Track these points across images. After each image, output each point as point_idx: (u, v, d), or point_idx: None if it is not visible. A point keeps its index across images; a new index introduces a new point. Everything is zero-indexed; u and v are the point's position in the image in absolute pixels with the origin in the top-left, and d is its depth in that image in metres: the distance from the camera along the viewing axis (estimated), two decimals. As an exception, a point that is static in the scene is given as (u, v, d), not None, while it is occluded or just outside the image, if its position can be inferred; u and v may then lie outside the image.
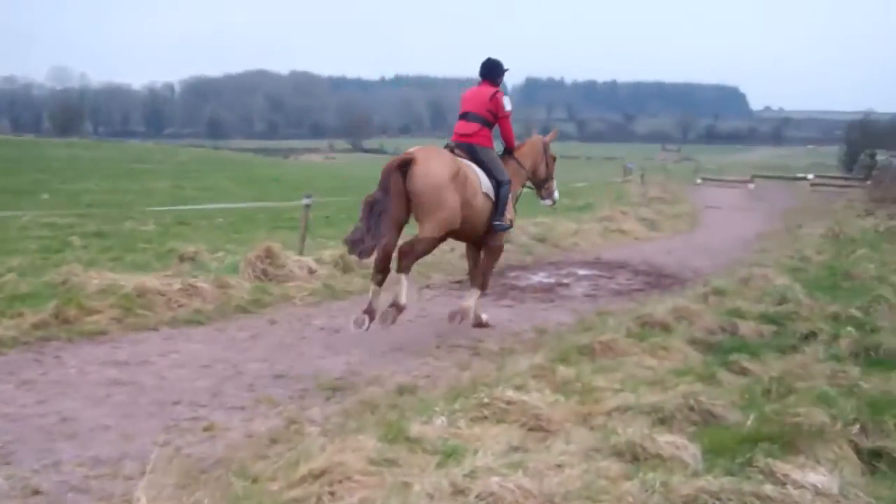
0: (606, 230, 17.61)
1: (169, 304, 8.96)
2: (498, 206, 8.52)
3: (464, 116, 8.74)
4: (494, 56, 9.04)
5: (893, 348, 7.29)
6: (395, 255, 7.96)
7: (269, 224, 18.07)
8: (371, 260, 8.01)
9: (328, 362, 7.35)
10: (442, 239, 8.42)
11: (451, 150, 8.47)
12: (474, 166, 8.40)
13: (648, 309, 8.50)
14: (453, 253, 13.07)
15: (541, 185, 9.88)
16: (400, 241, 8.02)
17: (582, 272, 12.84)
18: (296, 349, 7.81)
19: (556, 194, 10.13)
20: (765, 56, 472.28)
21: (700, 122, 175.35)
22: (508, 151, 9.27)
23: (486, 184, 8.40)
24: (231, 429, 5.58)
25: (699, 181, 39.96)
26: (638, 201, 26.32)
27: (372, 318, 7.81)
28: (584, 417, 5.44)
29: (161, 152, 48.21)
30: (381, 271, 7.98)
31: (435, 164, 7.90)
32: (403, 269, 7.91)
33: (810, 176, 41.22)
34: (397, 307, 7.86)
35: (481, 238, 8.76)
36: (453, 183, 7.93)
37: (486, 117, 8.67)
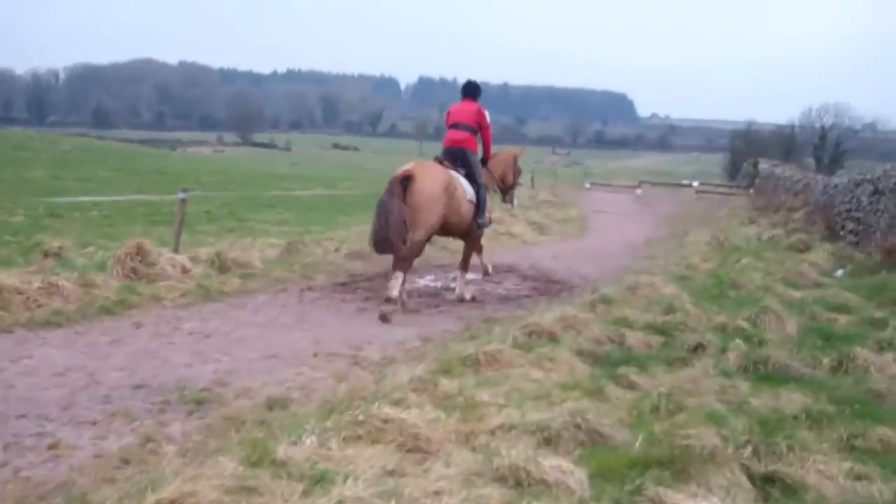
0: (495, 233, 17.31)
1: (27, 304, 8.27)
2: (479, 207, 10.33)
3: (454, 126, 10.52)
4: (474, 79, 10.94)
5: (781, 363, 7.19)
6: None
7: (148, 218, 17.33)
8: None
9: (195, 371, 6.82)
10: (428, 239, 10.09)
11: (443, 159, 10.24)
12: (461, 178, 10.08)
13: (535, 317, 8.21)
14: (337, 254, 12.64)
15: (506, 191, 12.05)
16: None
17: (469, 276, 12.50)
18: (161, 356, 7.24)
19: (515, 202, 12.77)
20: (653, 65, 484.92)
21: (589, 128, 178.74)
22: (483, 161, 10.91)
23: (469, 192, 10.12)
24: (79, 447, 5.05)
25: (588, 186, 40.42)
26: (528, 204, 26.31)
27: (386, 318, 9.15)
28: (466, 437, 5.09)
29: (42, 140, 46.01)
30: (393, 275, 9.47)
31: (429, 181, 9.52)
32: (398, 268, 9.43)
33: (695, 183, 42.21)
34: (389, 300, 9.26)
35: (464, 235, 10.69)
36: (444, 195, 9.61)
37: (474, 127, 10.52)
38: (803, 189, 26.83)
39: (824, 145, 63.10)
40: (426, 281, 11.98)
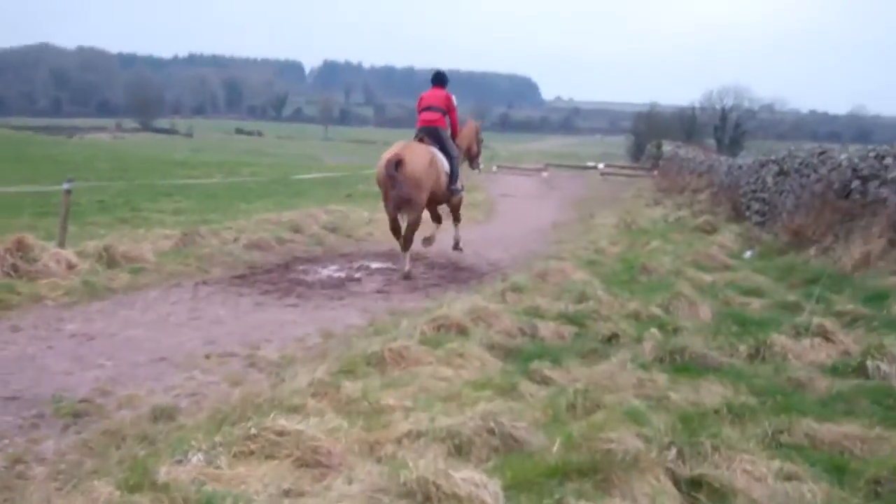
0: (402, 219, 16.96)
1: None
2: (452, 175, 12.05)
3: (427, 109, 12.17)
4: (441, 69, 12.63)
5: (698, 352, 6.92)
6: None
7: (36, 210, 16.35)
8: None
9: (75, 379, 6.22)
10: (422, 211, 11.56)
11: (422, 137, 11.91)
12: (439, 153, 11.75)
13: (444, 309, 7.79)
14: (235, 244, 12.06)
15: (472, 159, 14.24)
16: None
17: (375, 265, 12.08)
18: (38, 362, 6.61)
19: (482, 165, 15.76)
20: (557, 49, 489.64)
21: (495, 111, 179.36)
22: (451, 136, 12.40)
23: (445, 165, 11.84)
24: (-63, 473, 4.47)
25: (495, 169, 40.17)
26: (435, 188, 25.97)
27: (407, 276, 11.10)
28: (371, 447, 4.66)
29: (-76, 128, 43.81)
30: (401, 242, 11.35)
31: (417, 160, 11.14)
32: (404, 249, 11.30)
33: (601, 165, 42.40)
34: (406, 277, 11.05)
35: (444, 201, 12.54)
36: (430, 168, 11.34)
37: (444, 109, 12.20)
38: (707, 170, 27.08)
39: (725, 126, 64.09)
40: (329, 271, 11.45)
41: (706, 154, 33.41)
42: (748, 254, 13.96)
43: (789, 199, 15.81)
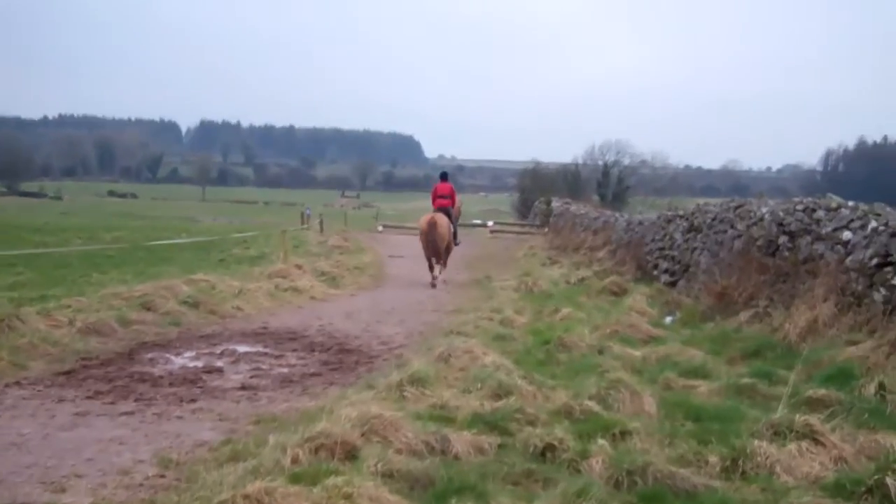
0: (278, 289, 14.80)
1: None
2: (455, 234, 19.63)
3: (441, 196, 19.58)
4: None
5: (663, 471, 5.22)
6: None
7: None
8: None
9: None
10: (443, 251, 18.96)
11: (438, 211, 19.15)
12: (447, 219, 18.95)
13: (324, 421, 5.85)
14: (69, 328, 9.87)
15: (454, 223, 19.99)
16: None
17: (242, 349, 10.01)
18: None
19: (458, 237, 20.59)
20: (438, 107, 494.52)
21: (378, 169, 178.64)
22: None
23: (450, 228, 18.97)
24: None
25: (381, 228, 38.37)
26: (317, 251, 23.97)
27: (434, 285, 18.16)
28: None
29: None
30: (431, 268, 18.76)
31: (443, 224, 18.53)
32: (432, 271, 18.77)
33: (490, 223, 41.06)
34: (435, 279, 18.51)
35: (450, 249, 19.43)
36: (448, 229, 18.75)
37: (450, 195, 19.71)
38: (603, 226, 25.90)
39: (608, 182, 64.15)
40: (184, 360, 9.29)
41: (598, 210, 32.38)
42: (668, 319, 12.51)
43: (704, 257, 14.49)
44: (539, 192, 51.75)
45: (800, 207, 11.71)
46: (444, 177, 20.36)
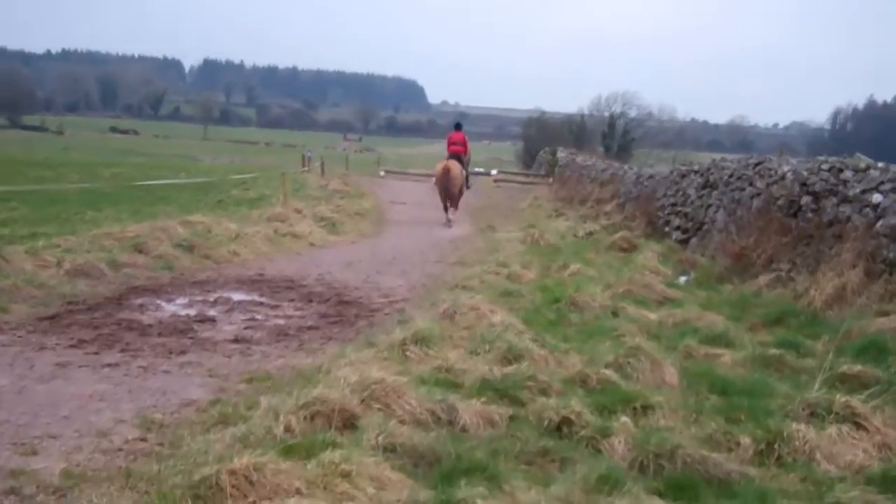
0: (276, 234, 14.27)
1: None
2: (467, 179, 21.79)
3: (454, 143, 21.26)
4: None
5: (693, 454, 4.75)
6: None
7: None
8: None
9: None
10: (456, 194, 20.69)
11: (451, 157, 20.81)
12: (459, 165, 20.60)
13: (321, 386, 5.36)
14: (56, 270, 9.37)
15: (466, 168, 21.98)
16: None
17: (237, 297, 9.52)
18: None
19: (470, 181, 23.55)
20: (442, 52, 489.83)
21: (381, 114, 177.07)
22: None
23: (463, 173, 20.92)
24: None
25: (382, 174, 37.68)
26: (318, 195, 23.36)
27: (449, 225, 19.82)
28: None
29: None
30: (445, 209, 20.47)
31: (456, 170, 20.14)
32: (447, 211, 20.52)
33: (494, 171, 40.29)
34: (449, 221, 20.16)
35: (461, 192, 21.07)
36: (461, 174, 20.49)
37: (462, 143, 21.44)
38: (611, 179, 25.27)
39: (613, 133, 63.30)
40: (175, 307, 8.81)
41: (606, 161, 31.71)
42: (683, 279, 11.99)
43: (720, 215, 13.94)
44: (544, 141, 51.02)
45: (825, 167, 11.13)
46: (458, 127, 22.09)
